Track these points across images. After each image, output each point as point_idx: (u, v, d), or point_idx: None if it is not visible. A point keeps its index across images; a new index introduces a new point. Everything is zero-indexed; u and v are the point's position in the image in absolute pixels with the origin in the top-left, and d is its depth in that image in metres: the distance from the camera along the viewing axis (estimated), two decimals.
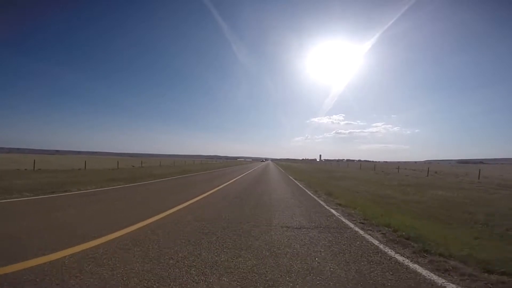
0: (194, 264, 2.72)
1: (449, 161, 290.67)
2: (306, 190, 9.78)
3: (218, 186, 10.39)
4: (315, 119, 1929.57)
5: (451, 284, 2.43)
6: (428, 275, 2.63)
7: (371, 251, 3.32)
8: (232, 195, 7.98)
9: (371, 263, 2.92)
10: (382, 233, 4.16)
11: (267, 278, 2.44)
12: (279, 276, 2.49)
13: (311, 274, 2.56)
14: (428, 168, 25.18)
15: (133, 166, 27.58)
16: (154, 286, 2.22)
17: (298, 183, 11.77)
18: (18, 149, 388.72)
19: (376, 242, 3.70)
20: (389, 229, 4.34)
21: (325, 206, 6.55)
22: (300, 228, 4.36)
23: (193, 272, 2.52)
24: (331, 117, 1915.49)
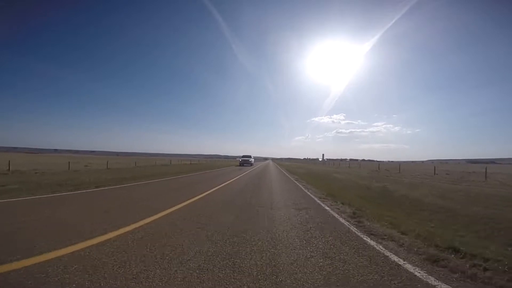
0: None
1: (457, 161, 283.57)
2: None
3: None
4: (316, 119, 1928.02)
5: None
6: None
7: None
8: None
9: None
10: None
11: None
12: None
13: None
14: None
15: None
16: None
17: None
18: (15, 148, 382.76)
19: None
20: None
21: None
22: None
23: None
24: (331, 116, 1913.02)
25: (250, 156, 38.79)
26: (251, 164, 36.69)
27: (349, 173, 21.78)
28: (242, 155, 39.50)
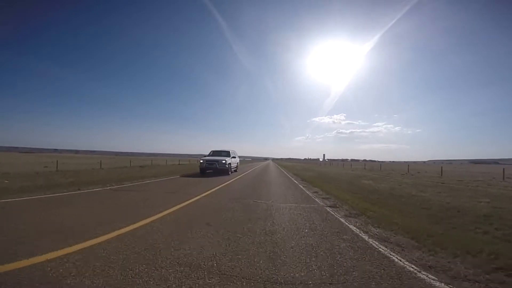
0: None
1: (460, 161, 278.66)
2: None
3: None
4: (316, 119, 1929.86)
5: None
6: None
7: None
8: None
9: None
10: None
11: None
12: None
13: None
14: None
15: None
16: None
17: None
18: (15, 148, 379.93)
19: None
20: None
21: None
22: None
23: None
24: (332, 116, 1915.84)
25: (227, 154, 18.50)
26: (229, 172, 17.42)
27: (384, 180, 17.18)
28: (210, 151, 19.42)
